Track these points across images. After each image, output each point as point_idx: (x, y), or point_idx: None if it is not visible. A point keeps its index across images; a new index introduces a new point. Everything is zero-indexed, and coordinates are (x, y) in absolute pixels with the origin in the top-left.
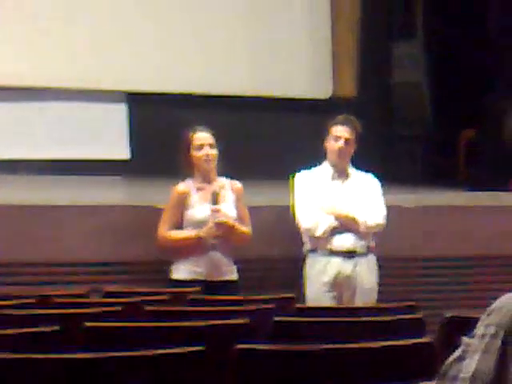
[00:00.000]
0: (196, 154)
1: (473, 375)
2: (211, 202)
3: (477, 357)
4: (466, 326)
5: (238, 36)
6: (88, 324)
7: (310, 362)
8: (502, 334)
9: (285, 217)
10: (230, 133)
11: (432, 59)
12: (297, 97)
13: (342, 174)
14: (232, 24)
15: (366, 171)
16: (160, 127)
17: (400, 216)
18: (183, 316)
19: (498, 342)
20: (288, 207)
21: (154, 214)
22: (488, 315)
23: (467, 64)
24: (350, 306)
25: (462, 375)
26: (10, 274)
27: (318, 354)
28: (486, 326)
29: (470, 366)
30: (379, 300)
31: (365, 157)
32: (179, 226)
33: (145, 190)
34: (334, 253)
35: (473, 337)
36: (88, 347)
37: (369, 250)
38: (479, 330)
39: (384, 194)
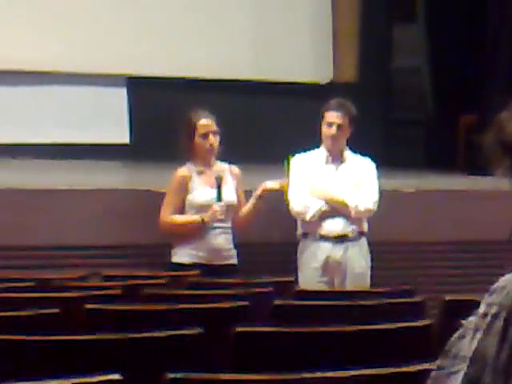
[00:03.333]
0: (200, 141)
1: (474, 355)
2: (216, 185)
3: (478, 336)
4: (466, 309)
5: (239, 20)
6: (87, 306)
7: (308, 344)
8: (504, 314)
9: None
10: (230, 117)
11: (433, 44)
12: (297, 81)
13: (336, 158)
14: (233, 8)
15: (368, 156)
16: (160, 111)
17: (399, 200)
18: (182, 299)
19: (500, 323)
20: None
21: (155, 198)
22: (490, 294)
23: (468, 49)
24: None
25: (462, 353)
26: (9, 258)
27: (316, 337)
28: (488, 304)
29: (470, 344)
30: (374, 284)
31: (365, 141)
32: (181, 209)
33: (145, 174)
34: (323, 238)
35: (474, 315)
36: (87, 330)
37: (361, 235)
38: (481, 308)
39: (383, 178)
